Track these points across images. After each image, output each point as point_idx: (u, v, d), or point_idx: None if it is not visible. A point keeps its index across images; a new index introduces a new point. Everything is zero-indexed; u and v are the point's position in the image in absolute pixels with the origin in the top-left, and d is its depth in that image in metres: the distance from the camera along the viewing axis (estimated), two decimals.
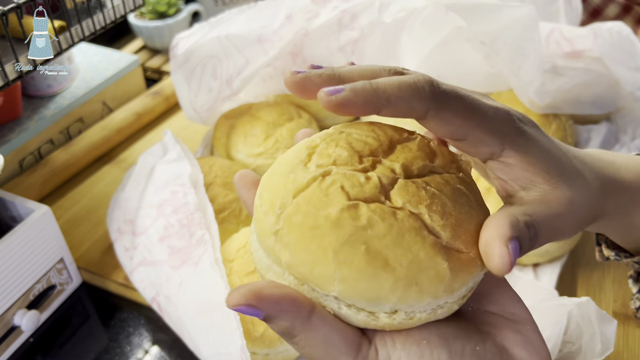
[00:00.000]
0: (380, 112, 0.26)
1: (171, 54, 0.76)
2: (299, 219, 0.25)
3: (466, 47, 0.70)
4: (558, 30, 0.71)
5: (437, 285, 0.24)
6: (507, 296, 0.28)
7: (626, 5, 0.98)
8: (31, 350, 0.60)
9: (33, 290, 0.60)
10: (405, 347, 0.25)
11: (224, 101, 0.76)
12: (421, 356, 0.25)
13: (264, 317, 0.25)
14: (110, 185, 0.79)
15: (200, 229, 0.57)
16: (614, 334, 0.49)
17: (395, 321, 0.25)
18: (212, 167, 0.68)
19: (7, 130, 0.79)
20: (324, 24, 0.72)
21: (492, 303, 0.28)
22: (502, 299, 0.28)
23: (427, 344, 0.25)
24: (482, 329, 0.27)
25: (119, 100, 0.94)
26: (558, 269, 0.62)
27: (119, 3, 0.71)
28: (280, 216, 0.26)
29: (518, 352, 0.26)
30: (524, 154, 0.27)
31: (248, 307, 0.24)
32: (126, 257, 0.62)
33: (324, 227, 0.24)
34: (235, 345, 0.48)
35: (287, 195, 0.26)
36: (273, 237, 0.26)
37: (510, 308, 0.28)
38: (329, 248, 0.24)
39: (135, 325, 0.62)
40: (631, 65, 0.69)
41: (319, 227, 0.25)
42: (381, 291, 0.24)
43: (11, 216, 0.62)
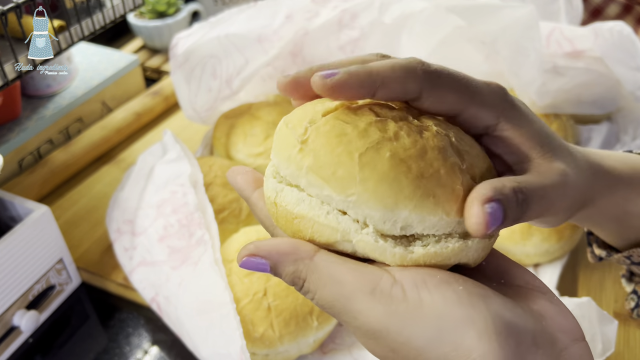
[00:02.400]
0: (376, 94, 0.26)
1: (171, 53, 0.75)
2: (327, 129, 0.26)
3: (467, 47, 0.70)
4: (559, 30, 0.71)
5: (452, 203, 0.25)
6: (526, 272, 0.28)
7: (627, 5, 0.98)
8: (30, 351, 0.60)
9: (32, 291, 0.60)
10: (440, 290, 0.23)
11: (224, 101, 0.76)
12: (458, 302, 0.23)
13: (270, 268, 0.25)
14: (109, 185, 0.79)
15: (200, 229, 0.57)
16: (614, 334, 0.49)
17: (430, 251, 0.25)
18: (212, 167, 0.68)
19: (7, 130, 0.79)
20: (324, 24, 0.72)
21: (516, 278, 0.27)
22: (523, 274, 0.28)
23: (464, 290, 0.23)
24: (515, 299, 0.25)
25: (118, 100, 0.94)
26: (559, 269, 0.62)
27: (119, 3, 0.71)
28: (309, 128, 0.26)
29: (558, 320, 0.25)
30: (519, 127, 0.28)
31: (252, 258, 0.25)
32: (125, 257, 0.62)
33: (351, 135, 0.25)
34: (235, 345, 0.48)
35: (317, 114, 0.27)
36: (298, 145, 0.26)
37: (533, 281, 0.27)
38: (354, 152, 0.25)
39: (135, 325, 0.62)
40: (632, 65, 0.69)
41: (346, 135, 0.25)
42: (399, 196, 0.24)
43: (10, 216, 0.61)
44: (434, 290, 0.23)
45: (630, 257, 0.37)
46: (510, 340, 0.22)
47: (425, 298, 0.23)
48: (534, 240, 0.61)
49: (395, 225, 0.25)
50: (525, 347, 0.23)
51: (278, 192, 0.27)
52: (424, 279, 0.24)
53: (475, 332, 0.22)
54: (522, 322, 0.23)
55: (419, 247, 0.25)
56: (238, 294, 0.53)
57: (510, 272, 0.28)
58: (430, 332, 0.23)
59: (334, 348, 0.57)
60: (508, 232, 0.61)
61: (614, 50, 0.68)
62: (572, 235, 0.62)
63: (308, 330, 0.54)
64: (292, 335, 0.53)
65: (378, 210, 0.24)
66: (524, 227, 0.61)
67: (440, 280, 0.24)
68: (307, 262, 0.25)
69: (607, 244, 0.40)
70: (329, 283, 0.24)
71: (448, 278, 0.24)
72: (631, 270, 0.43)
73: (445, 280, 0.24)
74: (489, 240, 0.27)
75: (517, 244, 0.61)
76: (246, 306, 0.53)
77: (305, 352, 0.55)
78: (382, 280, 0.24)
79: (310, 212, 0.26)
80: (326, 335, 0.56)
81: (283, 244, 0.26)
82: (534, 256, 0.62)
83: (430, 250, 0.25)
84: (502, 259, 0.28)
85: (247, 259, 0.26)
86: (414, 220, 0.25)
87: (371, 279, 0.24)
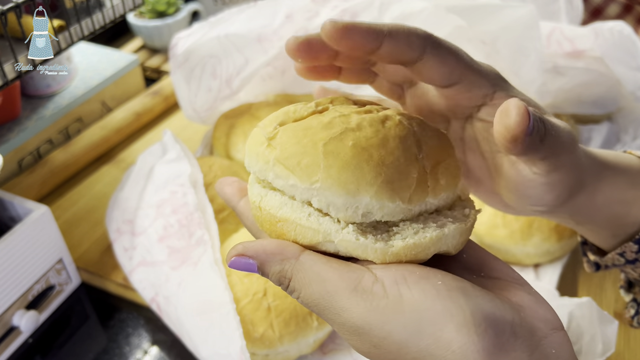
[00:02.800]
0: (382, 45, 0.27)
1: (170, 53, 0.75)
2: (293, 126, 0.28)
3: (467, 47, 0.70)
4: (559, 30, 0.71)
5: (406, 190, 0.26)
6: (504, 265, 0.29)
7: (627, 5, 0.98)
8: (30, 351, 0.60)
9: (32, 291, 0.60)
10: (419, 286, 0.24)
11: (224, 101, 0.76)
12: (437, 296, 0.24)
13: (257, 268, 0.27)
14: (109, 185, 0.79)
15: (200, 229, 0.57)
16: (615, 335, 0.49)
17: (409, 242, 0.26)
18: (212, 166, 0.68)
19: (6, 130, 0.79)
20: None
21: (495, 270, 0.28)
22: (501, 267, 0.28)
23: (442, 285, 0.24)
24: (494, 292, 0.26)
25: (118, 100, 0.94)
26: (559, 269, 0.62)
27: (118, 2, 0.71)
28: (278, 127, 0.28)
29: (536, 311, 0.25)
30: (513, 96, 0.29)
31: (241, 258, 0.27)
32: (125, 258, 0.62)
33: (315, 128, 0.27)
34: (235, 345, 0.48)
35: (288, 118, 0.29)
36: (266, 142, 0.28)
37: (511, 274, 0.28)
38: (318, 142, 0.26)
39: (135, 325, 0.62)
40: (632, 64, 0.69)
41: (311, 128, 0.27)
42: (361, 182, 0.25)
43: (10, 216, 0.61)
44: (414, 286, 0.24)
45: (624, 254, 0.37)
46: (490, 330, 0.23)
47: (405, 294, 0.24)
48: (534, 240, 0.61)
49: (357, 212, 0.26)
50: (504, 337, 0.23)
51: (262, 196, 0.28)
52: (403, 276, 0.25)
53: (455, 325, 0.23)
54: (501, 314, 0.24)
55: (398, 241, 0.26)
56: (238, 294, 0.53)
57: (489, 265, 0.29)
58: (410, 326, 0.23)
59: (334, 348, 0.57)
60: (508, 232, 0.61)
61: (614, 50, 0.68)
62: (572, 236, 0.62)
63: (308, 330, 0.54)
64: (292, 336, 0.53)
65: (341, 196, 0.26)
66: (524, 227, 0.61)
67: (420, 276, 0.25)
68: (293, 262, 0.26)
69: (600, 250, 0.40)
70: (314, 281, 0.25)
71: (427, 274, 0.25)
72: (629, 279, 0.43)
73: (424, 276, 0.25)
74: (464, 225, 0.27)
75: (518, 244, 0.61)
76: (246, 306, 0.53)
77: (305, 353, 0.55)
78: (364, 278, 0.25)
79: (293, 215, 0.27)
80: (326, 336, 0.56)
81: (270, 245, 0.27)
82: (534, 256, 0.62)
83: (410, 242, 0.26)
84: (481, 252, 0.29)
85: (235, 258, 0.27)
86: (375, 206, 0.26)
87: (353, 276, 0.25)
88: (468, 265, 0.29)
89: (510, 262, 0.63)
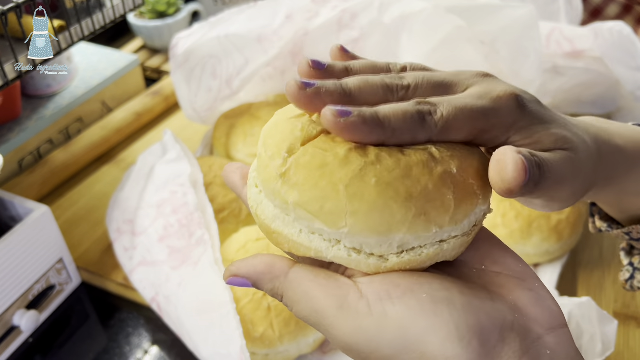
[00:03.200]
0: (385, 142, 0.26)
1: (171, 53, 0.75)
2: (306, 159, 0.25)
3: (466, 47, 0.70)
4: (558, 30, 0.71)
5: (444, 214, 0.25)
6: (509, 255, 0.28)
7: (627, 5, 0.98)
8: (30, 351, 0.60)
9: (32, 291, 0.60)
10: (403, 301, 0.24)
11: (224, 101, 0.76)
12: (421, 311, 0.24)
13: (252, 284, 0.27)
14: (109, 185, 0.79)
15: (200, 229, 0.57)
16: (614, 334, 0.49)
17: (405, 259, 0.25)
18: (212, 167, 0.68)
19: (7, 130, 0.79)
20: (324, 24, 0.72)
21: (496, 263, 0.28)
22: (504, 258, 0.28)
23: (427, 297, 0.24)
24: (491, 289, 0.26)
25: (118, 100, 0.94)
26: (559, 269, 0.62)
27: (119, 3, 0.71)
28: (288, 159, 0.26)
29: (532, 310, 0.25)
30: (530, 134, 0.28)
31: (235, 278, 0.28)
32: (126, 257, 0.62)
33: (332, 165, 0.25)
34: (235, 345, 0.48)
35: (296, 141, 0.26)
36: (280, 179, 0.26)
37: (515, 267, 0.27)
38: (339, 183, 0.24)
39: (135, 325, 0.62)
40: (632, 65, 0.69)
41: (327, 165, 0.25)
42: (392, 222, 0.24)
43: (10, 216, 0.61)
44: (398, 302, 0.24)
45: (630, 234, 0.37)
46: (474, 341, 0.23)
47: (389, 310, 0.24)
48: (534, 240, 0.61)
49: (392, 246, 0.25)
50: (490, 345, 0.23)
51: (258, 204, 0.28)
52: (388, 291, 0.25)
53: (439, 340, 0.23)
54: (489, 320, 0.24)
55: (393, 257, 0.25)
56: (238, 294, 0.53)
57: (493, 256, 0.28)
58: (396, 343, 0.24)
59: (334, 348, 0.57)
60: (508, 232, 0.62)
61: (614, 50, 0.68)
62: (572, 236, 0.62)
63: (308, 330, 0.54)
64: (292, 335, 0.53)
65: (372, 238, 0.25)
66: (523, 227, 0.61)
67: (405, 289, 0.25)
68: (282, 280, 0.27)
69: (609, 217, 0.40)
70: (302, 299, 0.26)
71: (413, 286, 0.25)
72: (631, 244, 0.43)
73: (409, 288, 0.25)
74: (466, 237, 0.27)
75: (517, 243, 0.61)
76: (246, 306, 0.53)
77: (305, 352, 0.55)
78: (349, 296, 0.25)
79: (285, 230, 0.26)
80: None
81: (260, 264, 0.27)
82: (534, 256, 0.62)
83: (405, 259, 0.25)
84: (487, 241, 0.29)
85: (231, 278, 0.28)
86: (410, 239, 0.25)
87: (339, 294, 0.25)
88: (469, 258, 0.28)
89: None
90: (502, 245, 0.29)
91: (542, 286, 0.27)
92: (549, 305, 0.26)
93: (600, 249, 0.67)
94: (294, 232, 0.26)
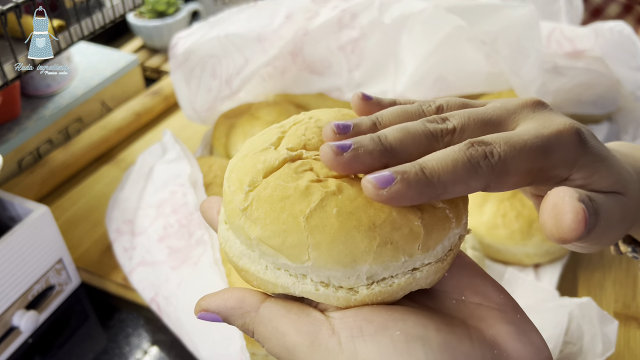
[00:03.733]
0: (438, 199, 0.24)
1: (170, 53, 0.75)
2: (267, 193, 0.25)
3: (467, 47, 0.70)
4: (559, 30, 0.71)
5: (413, 242, 0.24)
6: (490, 284, 0.26)
7: (627, 5, 0.98)
8: (30, 351, 0.60)
9: (32, 291, 0.59)
10: (375, 339, 0.23)
11: (224, 101, 0.76)
12: (394, 350, 0.22)
13: (222, 320, 0.26)
14: (109, 185, 0.79)
15: (200, 229, 0.57)
16: (615, 335, 0.49)
17: (375, 290, 0.24)
18: (212, 166, 0.68)
19: (6, 130, 0.79)
20: (323, 24, 0.72)
21: (477, 293, 0.26)
22: (485, 288, 0.26)
23: (401, 335, 0.23)
24: (470, 323, 0.25)
25: (118, 100, 0.94)
26: (559, 269, 0.62)
27: (118, 2, 0.71)
28: (249, 193, 0.25)
29: (513, 346, 0.24)
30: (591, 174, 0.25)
31: (205, 314, 0.27)
32: (125, 258, 0.62)
33: (293, 197, 0.24)
34: (234, 345, 0.48)
35: (257, 175, 0.26)
36: (242, 215, 0.25)
37: (495, 297, 0.26)
38: (299, 215, 0.24)
39: (135, 325, 0.62)
40: (632, 64, 0.69)
41: (288, 197, 0.24)
42: (356, 252, 0.23)
43: (10, 216, 0.61)
44: (370, 340, 0.23)
45: None
46: None
47: (360, 349, 0.23)
48: (534, 240, 0.61)
49: (360, 278, 0.24)
50: None
51: (226, 240, 0.27)
52: (360, 328, 0.23)
53: None
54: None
55: (362, 288, 0.24)
56: None
57: (473, 286, 0.26)
58: None
59: None
60: (508, 232, 0.61)
61: (614, 50, 0.68)
62: None
63: None
64: None
65: (338, 271, 0.24)
66: (524, 227, 0.61)
67: (378, 326, 0.23)
68: (253, 316, 0.26)
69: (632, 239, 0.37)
70: (274, 336, 0.25)
71: (386, 322, 0.23)
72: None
73: (382, 325, 0.23)
74: (441, 264, 0.26)
75: (518, 244, 0.61)
76: None
77: None
78: (321, 332, 0.24)
79: (252, 267, 0.26)
80: None
81: (231, 299, 0.26)
82: (534, 256, 0.62)
83: (375, 290, 0.24)
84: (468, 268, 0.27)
85: (201, 314, 0.27)
86: (378, 269, 0.24)
87: (311, 330, 0.24)
88: (449, 287, 0.27)
89: (511, 262, 0.63)
90: (482, 273, 0.27)
91: (525, 318, 0.25)
92: (531, 338, 0.24)
93: (601, 249, 0.67)
94: (260, 268, 0.26)
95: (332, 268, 0.24)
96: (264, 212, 0.24)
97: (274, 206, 0.24)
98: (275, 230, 0.24)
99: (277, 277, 0.25)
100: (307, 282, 0.25)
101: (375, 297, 0.24)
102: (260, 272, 0.26)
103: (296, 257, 0.24)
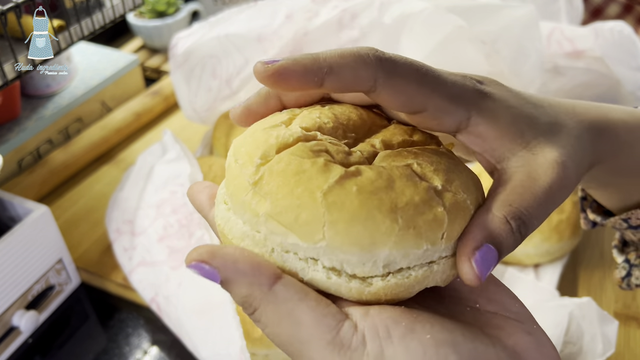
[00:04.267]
0: (324, 83, 0.24)
1: (170, 53, 0.75)
2: (281, 167, 0.23)
3: (467, 47, 0.70)
4: (559, 30, 0.71)
5: (437, 230, 0.22)
6: (505, 293, 0.26)
7: (627, 5, 0.98)
8: (30, 351, 0.60)
9: (32, 291, 0.59)
10: (404, 342, 0.21)
11: (224, 101, 0.76)
12: (424, 355, 0.21)
13: (220, 281, 0.22)
14: (109, 185, 0.79)
15: (200, 229, 0.57)
16: (615, 335, 0.49)
17: (391, 282, 0.22)
18: (212, 166, 0.68)
19: (6, 130, 0.79)
20: (324, 24, 0.72)
21: (492, 302, 0.25)
22: (500, 297, 0.25)
23: (431, 339, 0.21)
24: (488, 332, 0.23)
25: (118, 100, 0.94)
26: (559, 269, 0.62)
27: (118, 2, 0.71)
28: (260, 167, 0.23)
29: (532, 356, 0.23)
30: (493, 118, 0.25)
31: (202, 264, 0.22)
32: (125, 258, 0.62)
33: (310, 172, 0.22)
34: (234, 345, 0.48)
35: (270, 149, 0.24)
36: (251, 189, 0.23)
37: (511, 306, 0.25)
38: (316, 190, 0.22)
39: (134, 325, 0.62)
40: (632, 65, 0.69)
41: (304, 172, 0.22)
42: (376, 234, 0.21)
43: (10, 216, 0.61)
44: (398, 343, 0.21)
45: (629, 220, 0.34)
46: None
47: (387, 352, 0.21)
48: (534, 240, 0.61)
49: (376, 265, 0.22)
50: None
51: (225, 222, 0.25)
52: (387, 328, 0.21)
53: None
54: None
55: (377, 280, 0.22)
56: None
57: (487, 294, 0.26)
58: None
59: None
60: None
61: (615, 50, 0.68)
62: (572, 236, 0.62)
63: None
64: None
65: (354, 254, 0.22)
66: None
67: (406, 329, 0.21)
68: (265, 290, 0.22)
69: (601, 209, 0.37)
70: (285, 321, 0.22)
71: (414, 325, 0.22)
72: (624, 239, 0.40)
73: (410, 328, 0.22)
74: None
75: None
76: None
77: None
78: (343, 329, 0.21)
79: (256, 249, 0.23)
80: None
81: (243, 260, 0.22)
82: (534, 256, 0.62)
83: (391, 282, 0.23)
84: None
85: (196, 263, 0.22)
86: (397, 256, 0.22)
87: (331, 324, 0.21)
88: (463, 294, 0.26)
89: (511, 262, 0.63)
90: (494, 280, 0.26)
91: (540, 329, 0.25)
92: (548, 351, 0.24)
93: (601, 249, 0.67)
94: (265, 251, 0.23)
95: (348, 251, 0.22)
96: (276, 185, 0.22)
97: (288, 180, 0.22)
98: (287, 206, 0.22)
99: (285, 260, 0.23)
100: (318, 268, 0.22)
101: (391, 290, 0.23)
102: (266, 255, 0.23)
103: (309, 236, 0.22)
